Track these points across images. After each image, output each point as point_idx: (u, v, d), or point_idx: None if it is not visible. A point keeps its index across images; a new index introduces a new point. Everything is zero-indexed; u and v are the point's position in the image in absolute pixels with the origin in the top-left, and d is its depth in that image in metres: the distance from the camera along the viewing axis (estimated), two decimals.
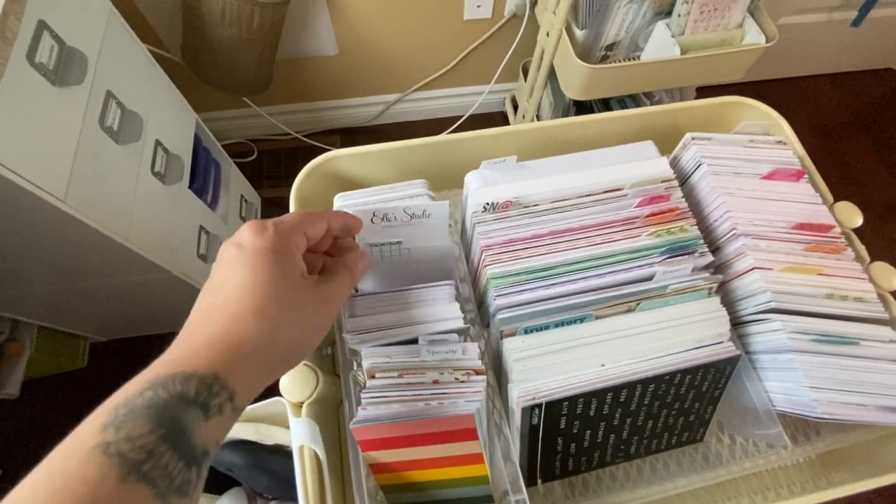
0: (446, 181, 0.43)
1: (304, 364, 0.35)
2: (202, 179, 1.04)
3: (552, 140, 0.43)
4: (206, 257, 0.99)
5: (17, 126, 0.57)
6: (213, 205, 1.07)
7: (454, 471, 0.35)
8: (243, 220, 1.22)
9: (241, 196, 1.24)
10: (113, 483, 0.17)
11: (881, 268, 0.38)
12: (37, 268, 0.79)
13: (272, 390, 0.36)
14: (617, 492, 0.39)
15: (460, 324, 0.34)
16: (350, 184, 0.43)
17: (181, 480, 0.19)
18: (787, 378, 0.34)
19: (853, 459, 0.38)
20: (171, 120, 0.92)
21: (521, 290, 0.35)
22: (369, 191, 0.39)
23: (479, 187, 0.37)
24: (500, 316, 0.35)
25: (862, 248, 0.39)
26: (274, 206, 1.39)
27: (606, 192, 0.38)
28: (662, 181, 0.38)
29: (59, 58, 0.63)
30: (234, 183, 1.21)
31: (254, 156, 1.42)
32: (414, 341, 0.35)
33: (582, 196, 0.38)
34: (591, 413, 0.35)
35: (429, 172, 0.40)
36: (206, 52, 0.98)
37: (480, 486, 0.36)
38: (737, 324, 0.39)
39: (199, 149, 1.04)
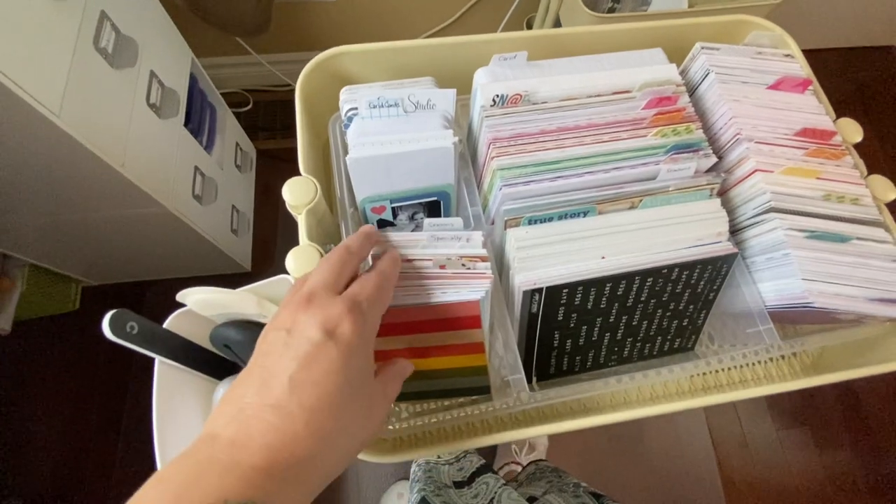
0: (452, 85, 0.42)
1: (304, 176, 0.36)
2: (197, 120, 1.02)
3: (563, 48, 0.43)
4: (201, 198, 0.98)
5: (11, 34, 0.55)
6: (208, 148, 1.05)
7: (455, 360, 0.36)
8: (238, 168, 1.21)
9: (237, 144, 1.22)
10: None
11: (879, 180, 0.39)
12: (29, 196, 0.78)
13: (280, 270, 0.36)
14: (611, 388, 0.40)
15: (450, 143, 0.34)
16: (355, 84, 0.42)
17: None
18: (781, 275, 0.35)
19: (841, 366, 0.39)
20: (167, 53, 0.89)
21: (527, 182, 0.35)
22: (376, 85, 0.38)
23: (489, 82, 0.37)
24: (505, 206, 0.35)
25: (860, 162, 0.40)
26: (269, 157, 1.37)
27: (615, 93, 0.38)
28: (671, 84, 0.38)
29: None
30: (230, 130, 1.19)
31: (249, 106, 1.40)
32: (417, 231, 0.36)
33: (591, 96, 0.38)
34: (589, 305, 0.36)
35: (436, 75, 0.40)
36: None
37: (479, 376, 0.37)
38: (734, 231, 0.39)
39: (194, 90, 1.02)
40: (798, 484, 1.16)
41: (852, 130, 0.40)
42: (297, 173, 0.37)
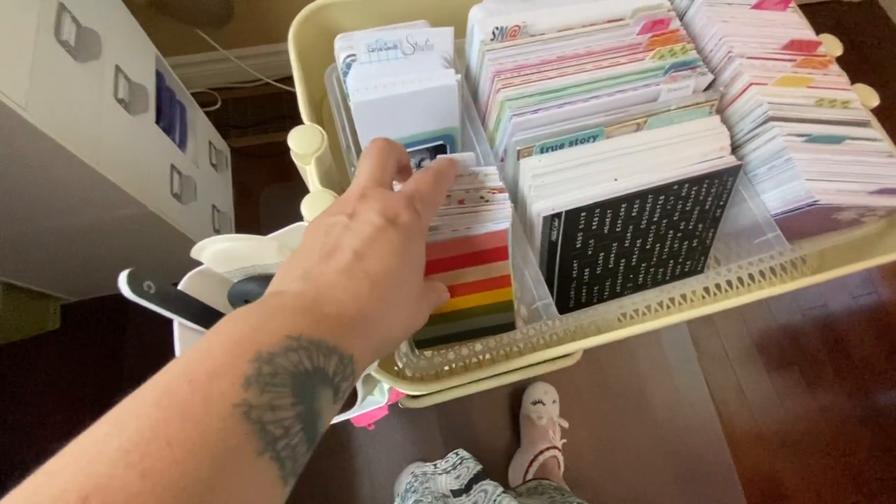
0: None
1: (309, 124, 0.36)
2: (168, 118, 0.99)
3: None
4: (181, 197, 0.95)
5: None
6: (181, 146, 1.02)
7: (483, 296, 0.36)
8: (214, 167, 1.17)
9: (210, 143, 1.19)
10: (251, 456, 0.16)
11: (862, 88, 0.41)
12: (2, 205, 0.74)
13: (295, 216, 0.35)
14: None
15: (453, 81, 0.34)
16: None
17: (300, 464, 0.18)
18: (784, 180, 0.36)
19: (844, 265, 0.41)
20: (131, 48, 0.86)
21: (535, 110, 0.35)
22: (369, 30, 0.38)
23: (486, 17, 0.37)
24: (516, 137, 0.35)
25: (843, 74, 0.41)
26: (244, 155, 1.34)
27: (608, 21, 0.39)
28: (662, 8, 0.39)
29: None
30: (202, 128, 1.15)
31: (218, 105, 1.36)
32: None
33: (585, 26, 0.38)
34: (606, 229, 0.37)
35: (426, 19, 0.40)
36: None
37: (505, 312, 0.37)
38: (734, 149, 0.40)
39: (162, 87, 0.98)
40: (793, 421, 1.21)
41: (833, 44, 0.42)
42: (276, 169, 0.37)
